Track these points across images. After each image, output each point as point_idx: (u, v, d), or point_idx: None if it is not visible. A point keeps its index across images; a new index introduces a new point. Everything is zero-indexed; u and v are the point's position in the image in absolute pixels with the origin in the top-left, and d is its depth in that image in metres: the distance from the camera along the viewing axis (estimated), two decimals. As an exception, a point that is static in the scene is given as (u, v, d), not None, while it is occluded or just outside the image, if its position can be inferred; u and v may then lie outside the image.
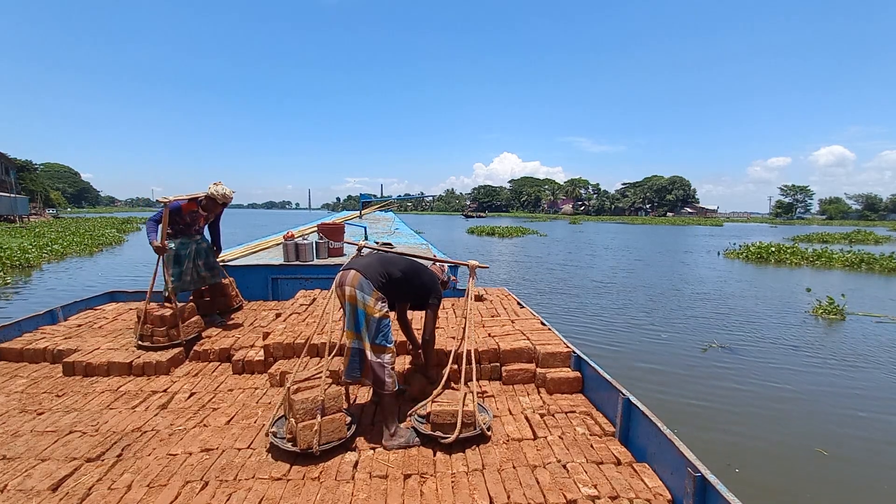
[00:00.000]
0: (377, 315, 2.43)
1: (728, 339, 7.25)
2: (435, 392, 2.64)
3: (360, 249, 2.99)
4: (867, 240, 30.89)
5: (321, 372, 2.49)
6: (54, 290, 10.61)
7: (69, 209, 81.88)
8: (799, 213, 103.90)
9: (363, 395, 2.99)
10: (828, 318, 8.64)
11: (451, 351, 3.03)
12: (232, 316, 4.66)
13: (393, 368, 2.50)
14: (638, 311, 9.17)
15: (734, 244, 23.46)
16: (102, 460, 2.24)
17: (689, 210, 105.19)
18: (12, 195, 36.45)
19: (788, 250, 19.33)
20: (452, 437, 2.32)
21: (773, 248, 19.81)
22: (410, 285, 2.73)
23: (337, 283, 2.54)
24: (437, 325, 3.74)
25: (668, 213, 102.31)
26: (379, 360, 2.44)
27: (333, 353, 2.62)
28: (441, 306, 4.55)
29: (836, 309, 8.86)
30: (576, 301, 10.10)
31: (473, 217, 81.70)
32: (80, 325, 4.29)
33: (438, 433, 2.38)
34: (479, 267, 2.98)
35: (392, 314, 2.76)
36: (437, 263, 3.09)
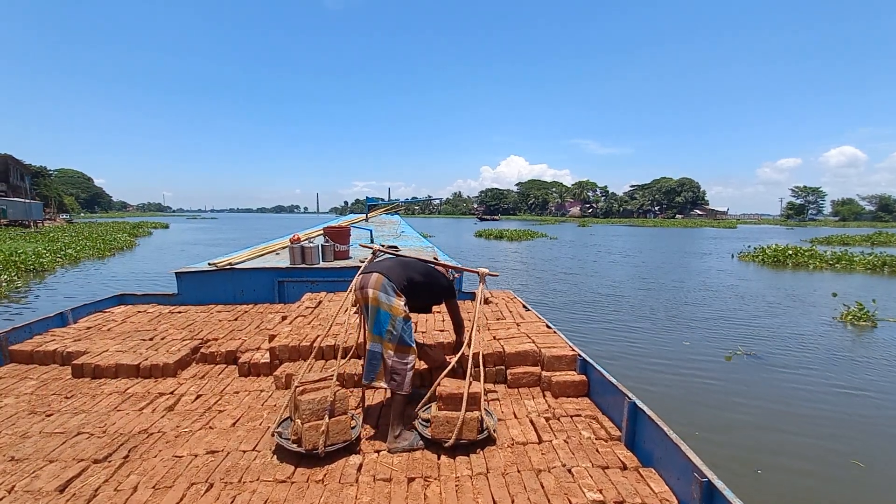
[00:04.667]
0: (401, 315, 2.45)
1: (753, 345, 7.00)
2: (433, 390, 2.62)
3: (374, 253, 3.01)
4: (890, 242, 30.01)
5: (329, 374, 2.50)
6: (67, 294, 10.77)
7: (82, 214, 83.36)
8: (811, 214, 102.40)
9: (369, 398, 2.99)
10: (858, 325, 8.23)
11: (454, 355, 3.02)
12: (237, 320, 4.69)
13: (413, 370, 2.50)
14: (657, 317, 8.96)
15: (749, 247, 22.90)
16: (109, 462, 2.25)
17: (699, 212, 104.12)
18: (27, 200, 37.19)
19: (806, 253, 18.84)
20: (451, 442, 2.31)
21: (790, 251, 19.22)
22: (430, 290, 2.77)
23: (357, 286, 2.54)
24: (442, 329, 3.76)
25: (678, 216, 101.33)
26: (401, 361, 2.45)
27: (347, 356, 2.62)
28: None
29: (866, 315, 8.44)
30: (594, 307, 9.94)
31: (487, 220, 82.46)
32: (89, 328, 4.34)
33: (440, 437, 2.36)
34: (489, 275, 2.96)
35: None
36: (444, 267, 3.08)
